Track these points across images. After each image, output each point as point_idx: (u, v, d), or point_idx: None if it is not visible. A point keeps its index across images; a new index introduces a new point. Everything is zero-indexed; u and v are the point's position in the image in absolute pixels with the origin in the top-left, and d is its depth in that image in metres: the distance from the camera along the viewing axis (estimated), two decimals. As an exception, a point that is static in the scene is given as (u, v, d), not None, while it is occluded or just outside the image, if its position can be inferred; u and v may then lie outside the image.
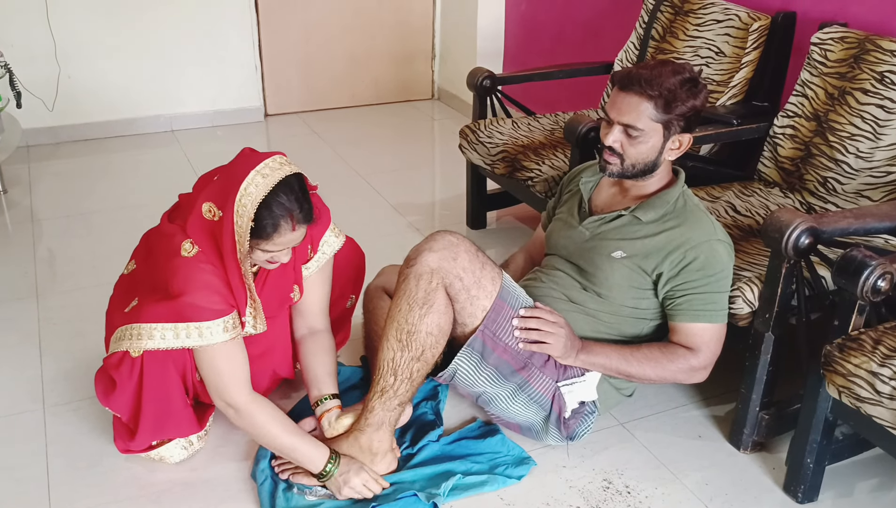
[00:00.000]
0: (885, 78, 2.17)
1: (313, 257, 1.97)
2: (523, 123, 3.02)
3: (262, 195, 1.65)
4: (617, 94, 1.82)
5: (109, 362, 1.82)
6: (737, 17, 2.61)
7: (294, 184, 1.71)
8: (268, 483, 1.84)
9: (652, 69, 1.79)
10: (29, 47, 3.85)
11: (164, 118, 4.29)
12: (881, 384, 1.57)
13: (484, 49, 4.34)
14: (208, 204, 1.72)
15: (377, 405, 1.82)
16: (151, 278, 1.79)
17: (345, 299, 2.20)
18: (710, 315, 1.84)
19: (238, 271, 1.73)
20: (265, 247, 1.71)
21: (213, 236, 1.72)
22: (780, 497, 1.88)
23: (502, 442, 1.99)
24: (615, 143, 1.83)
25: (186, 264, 1.72)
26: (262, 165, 1.68)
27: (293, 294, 1.96)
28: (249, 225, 1.66)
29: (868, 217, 1.87)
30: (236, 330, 1.76)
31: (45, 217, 3.28)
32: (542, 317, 1.83)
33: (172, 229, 1.79)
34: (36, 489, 1.87)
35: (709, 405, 2.19)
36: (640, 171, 1.86)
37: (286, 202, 1.68)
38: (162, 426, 1.86)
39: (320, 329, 2.04)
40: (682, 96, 1.77)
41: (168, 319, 1.71)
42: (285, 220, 1.68)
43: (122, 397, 1.82)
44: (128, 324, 1.77)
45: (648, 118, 1.79)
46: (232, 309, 1.75)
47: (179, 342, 1.71)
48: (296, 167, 1.74)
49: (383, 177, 3.72)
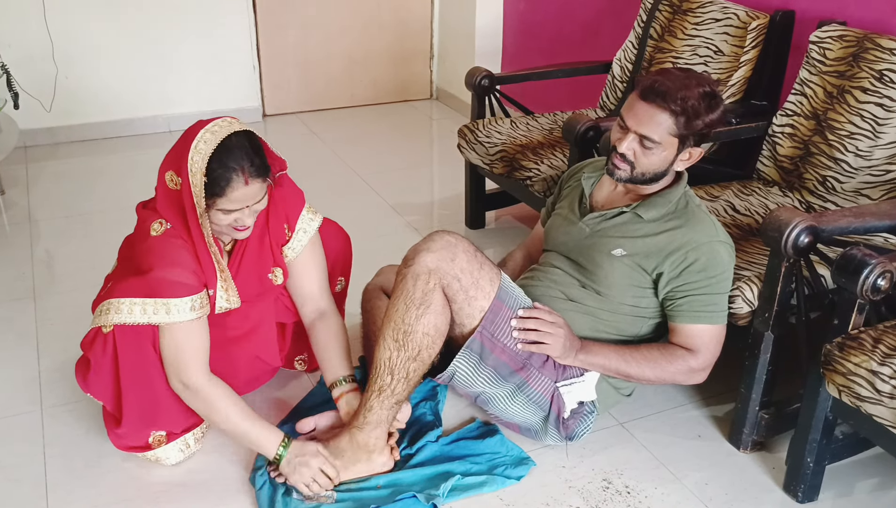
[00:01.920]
0: (883, 76, 2.16)
1: (291, 236, 1.97)
2: (522, 123, 3.02)
3: (210, 151, 1.68)
4: (637, 102, 1.78)
5: (84, 342, 1.84)
6: (735, 16, 2.61)
7: (244, 139, 1.73)
8: (267, 488, 1.84)
9: (675, 81, 1.75)
10: (26, 48, 3.84)
11: (162, 119, 4.29)
12: (881, 383, 1.57)
13: (482, 49, 4.34)
14: (169, 172, 1.76)
15: (375, 404, 1.81)
16: (123, 260, 1.84)
17: (334, 284, 2.20)
18: (711, 316, 1.84)
19: (203, 241, 1.75)
20: (223, 205, 1.73)
21: (179, 206, 1.75)
22: (780, 496, 1.88)
23: (501, 443, 1.99)
24: (628, 151, 1.81)
25: (157, 241, 1.76)
26: (211, 124, 1.73)
27: (273, 276, 1.96)
28: (203, 181, 1.69)
29: (867, 216, 1.87)
30: (203, 310, 1.78)
31: (43, 218, 3.27)
32: (540, 317, 1.82)
33: (144, 213, 1.84)
34: (33, 490, 1.86)
35: (708, 404, 2.18)
36: (648, 179, 1.85)
37: (238, 157, 1.70)
38: (151, 415, 1.86)
39: (326, 310, 2.05)
40: (702, 113, 1.75)
41: (138, 293, 1.73)
42: (237, 173, 1.70)
43: (99, 378, 1.82)
44: (100, 303, 1.79)
45: (666, 132, 1.76)
46: (202, 288, 1.78)
47: (146, 318, 1.73)
48: (246, 126, 1.77)
49: (382, 177, 3.71)
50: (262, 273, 1.95)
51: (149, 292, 1.73)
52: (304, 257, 2.00)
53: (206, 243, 1.76)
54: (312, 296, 2.04)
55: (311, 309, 2.05)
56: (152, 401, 1.85)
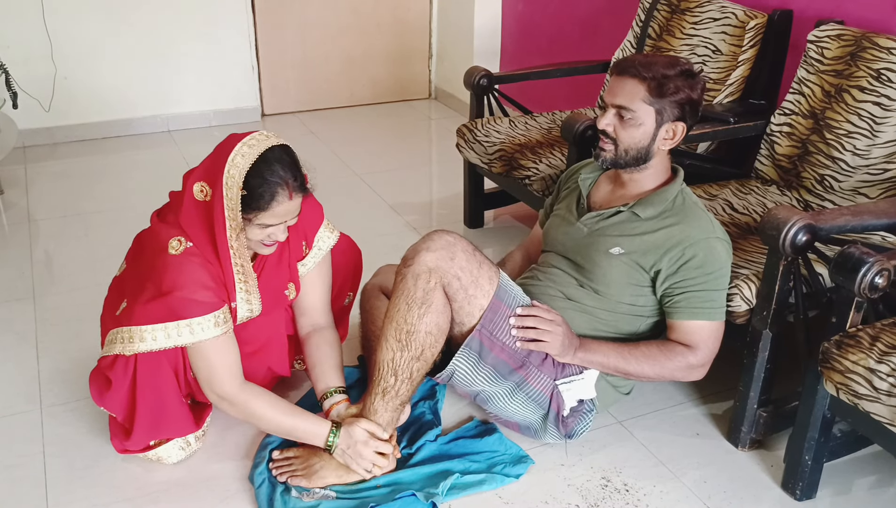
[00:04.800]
0: (881, 75, 2.17)
1: (308, 253, 1.97)
2: (520, 122, 3.02)
3: (248, 165, 1.66)
4: (613, 79, 1.86)
5: (104, 363, 1.82)
6: (733, 15, 2.62)
7: (285, 154, 1.72)
8: (266, 486, 1.84)
9: (648, 56, 1.85)
10: (25, 48, 3.84)
11: (161, 119, 4.29)
12: (879, 381, 1.57)
13: (481, 48, 4.34)
14: (199, 183, 1.73)
15: (380, 406, 1.82)
16: (139, 278, 1.79)
17: (342, 297, 2.20)
18: (709, 313, 1.84)
19: (228, 253, 1.73)
20: (263, 220, 1.71)
21: (206, 218, 1.72)
22: (779, 494, 1.88)
23: (500, 441, 1.99)
24: (608, 126, 1.85)
25: (175, 260, 1.72)
26: (248, 138, 1.71)
27: (288, 292, 1.96)
28: (239, 194, 1.67)
29: (865, 214, 1.87)
30: (227, 324, 1.77)
31: (42, 218, 3.27)
32: (539, 315, 1.83)
33: (161, 226, 1.79)
34: (33, 489, 1.86)
35: (707, 402, 2.19)
36: (633, 158, 1.86)
37: (280, 171, 1.68)
38: (158, 426, 1.86)
39: (324, 326, 2.05)
40: (675, 82, 1.80)
41: (159, 319, 1.71)
42: (282, 188, 1.69)
43: (117, 396, 1.81)
44: (118, 327, 1.76)
45: (641, 101, 1.81)
46: (223, 303, 1.76)
47: (171, 342, 1.72)
48: (283, 140, 1.75)
49: (381, 176, 3.72)
50: (279, 289, 1.94)
51: (169, 316, 1.70)
52: (313, 274, 2.00)
53: (231, 256, 1.73)
54: (314, 310, 2.04)
55: (308, 323, 2.05)
56: (161, 411, 1.84)
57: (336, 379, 1.96)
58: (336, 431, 1.82)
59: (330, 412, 1.91)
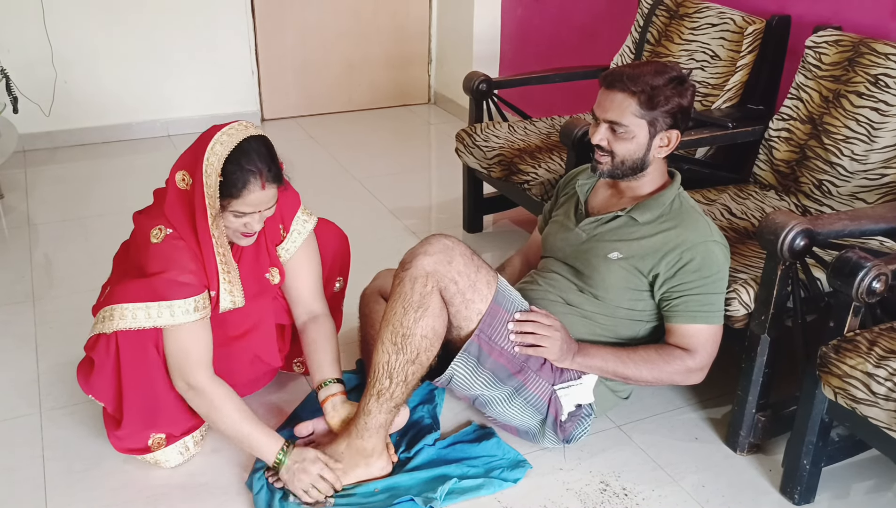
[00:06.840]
0: (879, 81, 2.18)
1: (286, 236, 1.98)
2: (519, 127, 3.03)
3: (227, 152, 1.71)
4: (602, 93, 1.85)
5: (87, 346, 1.85)
6: (731, 21, 2.62)
7: (261, 145, 1.76)
8: (264, 491, 1.84)
9: (635, 67, 1.83)
10: (25, 52, 3.85)
11: (161, 123, 4.29)
12: (877, 385, 1.57)
13: (480, 53, 4.35)
14: (181, 172, 1.78)
15: (374, 408, 1.82)
16: (124, 271, 1.84)
17: (332, 283, 2.20)
18: (707, 316, 1.85)
19: (210, 241, 1.76)
20: (237, 207, 1.74)
21: (188, 206, 1.76)
22: (777, 498, 1.88)
23: (498, 445, 1.99)
24: (602, 140, 1.85)
25: (157, 248, 1.76)
26: (227, 127, 1.76)
27: (270, 276, 1.97)
28: (218, 181, 1.71)
29: (863, 219, 1.88)
30: (206, 310, 1.79)
31: (42, 222, 3.28)
32: (537, 320, 1.83)
33: (142, 219, 1.84)
34: (32, 492, 1.87)
35: (705, 407, 2.19)
36: (629, 169, 1.87)
37: (257, 160, 1.73)
38: (151, 416, 1.86)
39: (319, 313, 2.06)
40: (665, 93, 1.79)
41: (141, 298, 1.74)
42: (254, 176, 1.72)
43: (102, 379, 1.83)
44: (103, 307, 1.80)
45: (632, 114, 1.80)
46: (203, 289, 1.79)
47: (151, 322, 1.74)
48: (262, 130, 1.80)
49: (380, 181, 3.72)
50: (259, 273, 1.95)
51: (151, 296, 1.73)
52: (298, 259, 2.01)
53: (213, 244, 1.77)
54: (304, 298, 2.05)
55: (303, 311, 2.06)
56: (153, 402, 1.85)
57: (332, 370, 1.97)
58: (286, 450, 1.82)
59: (325, 403, 1.92)
